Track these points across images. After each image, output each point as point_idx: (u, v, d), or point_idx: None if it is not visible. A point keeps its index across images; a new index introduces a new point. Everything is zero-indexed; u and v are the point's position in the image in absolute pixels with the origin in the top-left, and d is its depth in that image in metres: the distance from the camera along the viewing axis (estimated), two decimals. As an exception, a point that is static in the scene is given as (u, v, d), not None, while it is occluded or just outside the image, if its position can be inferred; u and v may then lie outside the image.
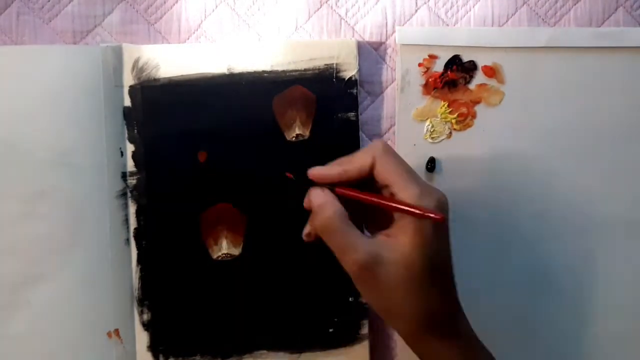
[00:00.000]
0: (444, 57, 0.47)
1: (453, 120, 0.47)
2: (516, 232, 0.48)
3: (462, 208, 0.48)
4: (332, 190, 0.38)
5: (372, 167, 0.37)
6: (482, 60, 0.48)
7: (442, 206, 0.36)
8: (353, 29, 0.48)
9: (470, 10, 0.48)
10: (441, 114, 0.47)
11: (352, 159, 0.38)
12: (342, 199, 0.38)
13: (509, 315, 0.48)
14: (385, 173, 0.37)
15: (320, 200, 0.38)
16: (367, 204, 0.38)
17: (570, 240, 0.48)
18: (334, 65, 0.46)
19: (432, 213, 0.35)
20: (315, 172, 0.39)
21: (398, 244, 0.36)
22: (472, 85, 0.48)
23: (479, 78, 0.48)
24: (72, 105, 0.45)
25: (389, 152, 0.38)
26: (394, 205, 0.36)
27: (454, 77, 0.47)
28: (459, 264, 0.47)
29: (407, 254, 0.36)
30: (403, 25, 0.48)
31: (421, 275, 0.36)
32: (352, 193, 0.38)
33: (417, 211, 0.35)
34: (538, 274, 0.48)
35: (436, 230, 0.36)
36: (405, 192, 0.36)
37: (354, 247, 0.36)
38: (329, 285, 0.47)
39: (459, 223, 0.47)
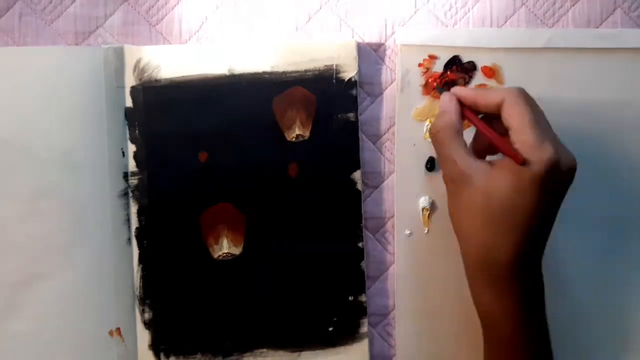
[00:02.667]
0: (444, 57, 0.48)
1: None
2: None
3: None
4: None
5: (499, 107, 0.39)
6: (481, 61, 0.48)
7: (552, 165, 0.36)
8: (353, 30, 0.48)
9: (469, 11, 0.48)
10: None
11: (487, 93, 0.40)
12: None
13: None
14: (508, 116, 0.38)
15: (443, 106, 0.41)
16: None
17: (567, 238, 0.48)
18: (334, 66, 0.47)
19: (516, 153, 0.36)
20: (455, 88, 0.42)
21: (494, 175, 0.37)
22: (471, 86, 0.48)
23: (479, 78, 0.48)
24: (73, 105, 0.46)
25: (522, 96, 0.38)
26: (491, 133, 0.39)
27: (453, 77, 0.48)
28: (459, 262, 0.47)
29: (495, 187, 0.37)
30: (402, 26, 0.48)
31: (497, 212, 0.37)
32: (474, 121, 0.40)
33: (510, 153, 0.37)
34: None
35: (534, 182, 0.36)
36: (518, 136, 0.37)
37: (452, 160, 0.39)
38: (329, 285, 0.47)
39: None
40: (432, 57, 0.47)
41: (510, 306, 0.38)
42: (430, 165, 0.48)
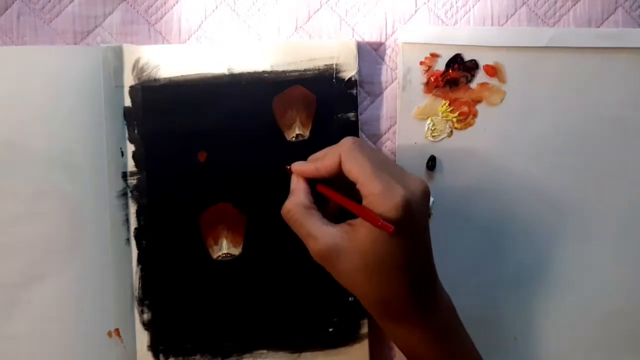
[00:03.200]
0: (446, 55, 0.47)
1: (454, 119, 0.48)
2: (515, 231, 0.48)
3: (462, 206, 0.48)
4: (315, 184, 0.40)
5: (340, 165, 0.39)
6: (483, 59, 0.48)
7: (406, 204, 0.36)
8: (353, 29, 0.48)
9: (469, 10, 0.48)
10: (442, 113, 0.48)
11: (324, 156, 0.40)
12: None
13: (504, 312, 0.48)
14: (350, 171, 0.38)
15: (292, 187, 0.41)
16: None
17: (569, 239, 0.48)
18: (334, 65, 0.46)
19: (383, 224, 0.35)
20: (295, 167, 0.42)
21: (357, 234, 0.37)
22: (473, 84, 0.48)
23: (481, 77, 0.48)
24: (72, 105, 0.45)
25: (356, 148, 0.38)
26: (354, 206, 0.38)
27: (455, 75, 0.47)
28: (458, 261, 0.47)
29: (363, 244, 0.37)
30: (403, 25, 0.48)
31: (375, 266, 0.37)
32: (327, 192, 0.40)
33: (371, 219, 0.36)
34: (537, 273, 0.48)
35: (400, 227, 0.36)
36: (367, 189, 0.37)
37: (313, 237, 0.38)
38: (329, 285, 0.47)
39: (459, 221, 0.48)
40: (434, 56, 0.47)
41: (422, 340, 0.39)
42: (432, 164, 0.47)
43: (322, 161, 0.40)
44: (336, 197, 0.39)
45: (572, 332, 0.48)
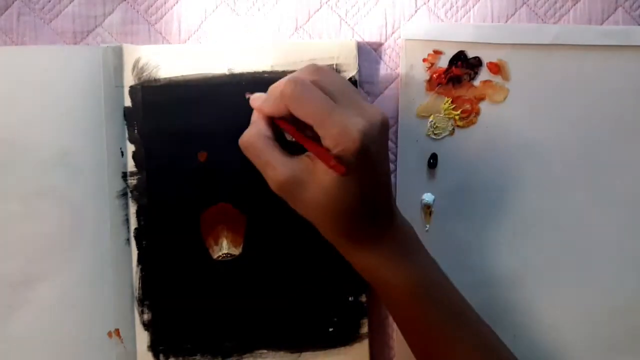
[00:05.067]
0: (449, 52, 0.47)
1: (456, 117, 0.47)
2: (517, 229, 0.48)
3: (463, 204, 0.48)
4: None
5: (287, 109, 0.37)
6: (487, 57, 0.47)
7: (363, 140, 0.36)
8: (353, 29, 0.48)
9: (469, 10, 0.48)
10: (445, 110, 0.47)
11: (269, 94, 0.39)
12: None
13: (504, 309, 0.48)
14: (302, 115, 0.37)
15: (252, 120, 0.41)
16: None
17: (570, 238, 0.48)
18: (334, 65, 0.46)
19: (335, 165, 0.36)
20: (253, 103, 0.41)
21: (317, 167, 0.37)
22: (476, 82, 0.48)
23: (484, 74, 0.48)
24: (72, 105, 0.45)
25: (305, 86, 0.37)
26: (310, 144, 0.38)
27: (458, 73, 0.47)
28: (458, 259, 0.47)
29: (322, 180, 0.37)
30: (402, 27, 0.48)
31: (335, 201, 0.37)
32: (285, 127, 0.39)
33: (325, 160, 0.36)
34: (537, 271, 0.48)
35: (354, 166, 0.36)
36: (322, 132, 0.36)
37: (272, 167, 0.38)
38: (329, 285, 0.47)
39: (460, 218, 0.48)
40: (437, 53, 0.47)
41: (382, 256, 0.40)
42: (433, 161, 0.47)
43: (267, 97, 0.39)
44: (294, 133, 0.39)
45: (571, 330, 0.48)
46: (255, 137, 0.39)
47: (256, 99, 0.41)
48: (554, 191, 0.48)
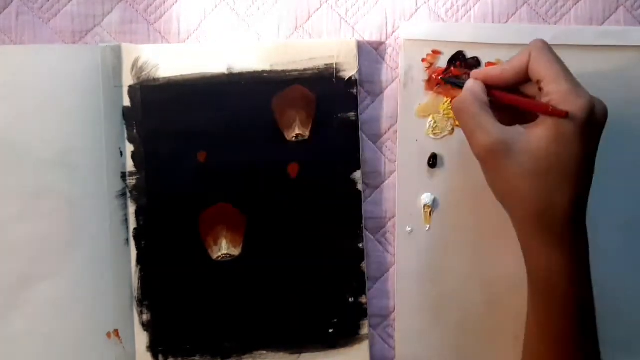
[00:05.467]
0: (448, 53, 0.47)
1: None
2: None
3: (463, 204, 0.48)
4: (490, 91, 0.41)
5: (526, 68, 0.39)
6: (486, 57, 0.47)
7: (591, 108, 0.37)
8: (353, 28, 0.48)
9: (470, 10, 0.48)
10: (444, 110, 0.47)
11: (511, 60, 0.40)
12: None
13: (505, 310, 0.48)
14: (538, 68, 0.38)
15: (467, 85, 0.41)
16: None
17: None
18: (334, 65, 0.46)
19: (554, 109, 0.36)
20: (475, 72, 0.42)
21: (532, 135, 0.37)
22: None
23: None
24: (71, 105, 0.45)
25: (546, 48, 0.39)
26: (526, 101, 0.38)
27: (457, 73, 0.47)
28: (459, 259, 0.47)
29: (538, 146, 0.37)
30: (404, 23, 0.48)
31: (547, 169, 0.37)
32: (504, 97, 0.40)
33: (544, 109, 0.37)
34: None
35: (577, 130, 0.36)
36: (552, 86, 0.37)
37: (485, 130, 0.38)
38: (329, 285, 0.47)
39: (460, 218, 0.48)
40: (436, 53, 0.47)
41: (566, 259, 0.38)
42: (433, 162, 0.47)
43: (508, 64, 0.40)
44: (511, 98, 0.40)
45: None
46: (471, 100, 0.39)
47: (480, 70, 0.43)
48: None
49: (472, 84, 0.41)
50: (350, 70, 0.46)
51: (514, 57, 0.40)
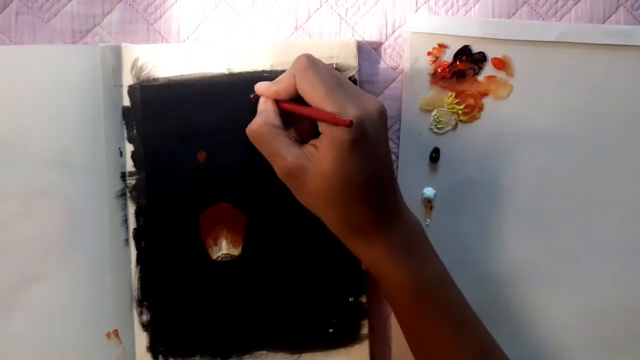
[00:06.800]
0: (454, 47, 0.47)
1: (460, 112, 0.47)
2: (518, 226, 0.48)
3: (464, 199, 0.48)
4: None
5: (295, 85, 0.39)
6: (492, 52, 0.47)
7: (360, 124, 0.37)
8: (353, 28, 0.48)
9: (470, 9, 0.48)
10: (448, 105, 0.47)
11: (281, 79, 0.41)
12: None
13: (503, 308, 0.48)
14: (303, 90, 0.39)
15: (259, 109, 0.42)
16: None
17: (572, 235, 0.48)
18: (334, 65, 0.46)
19: (339, 119, 0.36)
20: (258, 87, 0.43)
21: (319, 154, 0.38)
22: (480, 77, 0.47)
23: (488, 70, 0.47)
24: (71, 105, 0.45)
25: (310, 68, 0.39)
26: (314, 111, 0.38)
27: (462, 67, 0.47)
28: (459, 255, 0.47)
29: (325, 167, 0.38)
30: (403, 25, 0.48)
31: (336, 187, 0.38)
32: (292, 108, 0.41)
33: (329, 119, 0.37)
34: (538, 269, 0.48)
35: (352, 146, 0.37)
36: (319, 108, 0.38)
37: (280, 156, 0.39)
38: (329, 285, 0.47)
39: (461, 214, 0.48)
40: (442, 46, 0.47)
41: (384, 254, 0.40)
42: (435, 156, 0.47)
43: (280, 81, 0.41)
44: (297, 108, 0.40)
45: (571, 330, 0.48)
46: (263, 125, 0.40)
47: (261, 85, 0.42)
48: (556, 187, 0.48)
49: (264, 106, 0.42)
50: (350, 70, 0.46)
51: (283, 76, 0.41)
